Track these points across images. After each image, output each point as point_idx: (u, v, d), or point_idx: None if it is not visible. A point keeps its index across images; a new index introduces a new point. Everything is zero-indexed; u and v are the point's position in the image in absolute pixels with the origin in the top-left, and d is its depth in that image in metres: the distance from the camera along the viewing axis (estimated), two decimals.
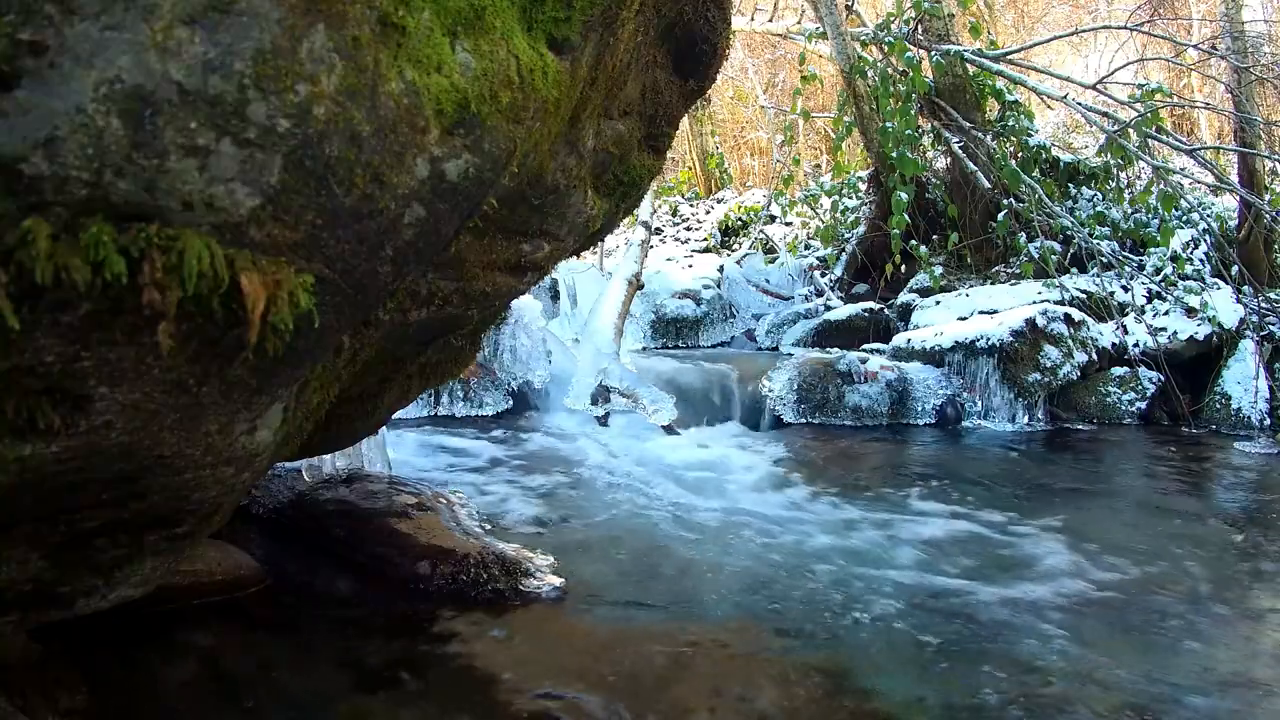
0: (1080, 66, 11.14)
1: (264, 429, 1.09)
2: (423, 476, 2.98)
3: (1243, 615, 2.20)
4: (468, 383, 4.39)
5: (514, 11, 1.05)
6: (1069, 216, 5.90)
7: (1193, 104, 8.55)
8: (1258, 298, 5.47)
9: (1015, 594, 2.23)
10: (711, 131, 12.63)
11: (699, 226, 10.35)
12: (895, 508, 3.03)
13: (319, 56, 0.80)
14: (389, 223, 0.94)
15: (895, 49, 6.26)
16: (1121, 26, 7.63)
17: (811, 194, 8.18)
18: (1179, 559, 2.59)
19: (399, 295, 1.34)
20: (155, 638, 1.76)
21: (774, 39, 9.68)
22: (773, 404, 4.69)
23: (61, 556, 1.08)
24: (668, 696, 1.64)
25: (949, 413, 4.77)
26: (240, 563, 2.05)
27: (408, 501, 2.42)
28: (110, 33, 0.71)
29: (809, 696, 1.67)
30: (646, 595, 2.15)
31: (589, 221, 1.66)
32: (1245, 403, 4.95)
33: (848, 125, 6.86)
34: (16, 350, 0.76)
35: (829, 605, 2.12)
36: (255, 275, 0.83)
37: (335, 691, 1.63)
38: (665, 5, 1.60)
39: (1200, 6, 10.33)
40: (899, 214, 6.01)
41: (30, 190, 0.70)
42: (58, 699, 1.44)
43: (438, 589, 2.08)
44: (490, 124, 1.00)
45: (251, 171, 0.79)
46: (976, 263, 6.57)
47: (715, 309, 7.07)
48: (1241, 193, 5.80)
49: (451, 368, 1.92)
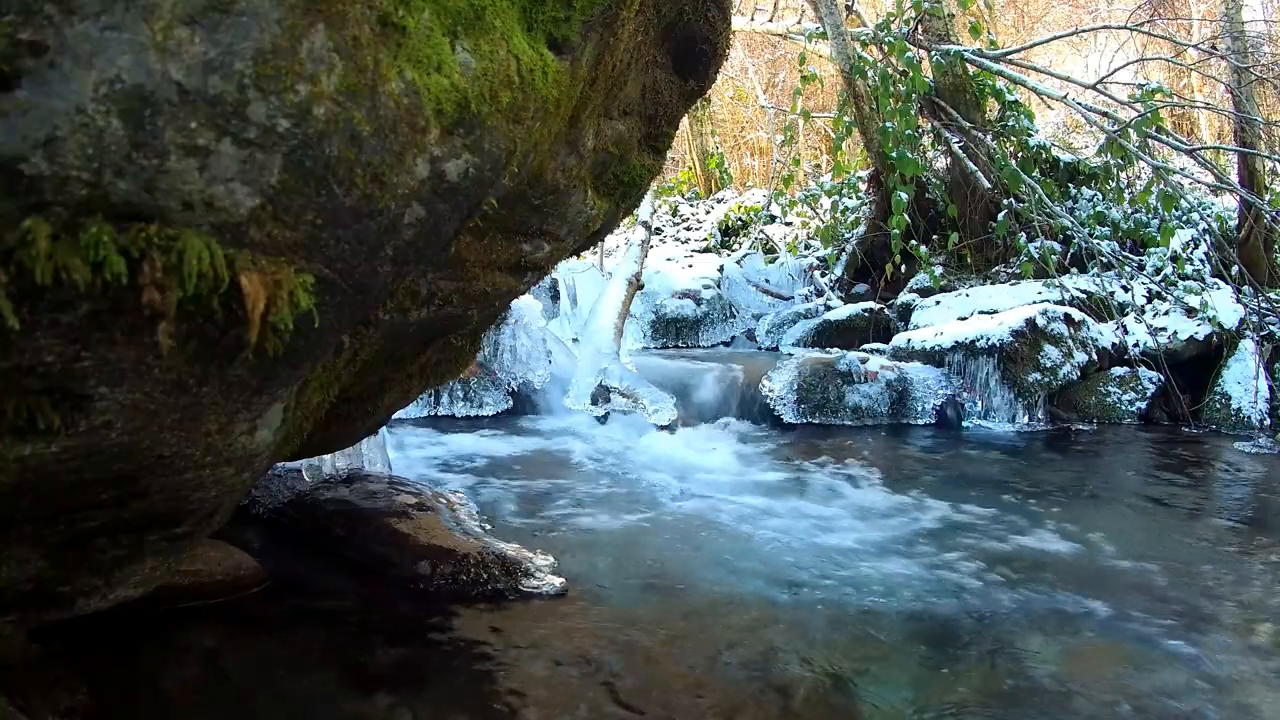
0: (1080, 66, 11.14)
1: (264, 429, 1.09)
2: (423, 476, 2.98)
3: (1243, 615, 2.20)
4: (468, 383, 4.39)
5: (514, 11, 1.05)
6: (1069, 216, 5.90)
7: (1193, 104, 8.55)
8: (1258, 298, 5.47)
9: (1014, 593, 2.23)
10: (711, 131, 12.63)
11: (699, 226, 10.35)
12: (895, 507, 3.03)
13: (319, 56, 0.80)
14: (389, 223, 0.94)
15: (895, 49, 6.26)
16: (1121, 26, 7.64)
17: (811, 194, 8.19)
18: (1179, 559, 2.59)
19: (399, 295, 1.34)
20: (155, 638, 1.76)
21: (774, 39, 9.68)
22: (773, 404, 4.69)
23: (61, 556, 1.07)
24: (668, 696, 1.65)
25: (949, 413, 4.78)
26: (240, 563, 2.05)
27: (408, 501, 2.42)
28: (110, 33, 0.71)
29: (810, 697, 1.67)
30: (646, 595, 2.15)
31: (589, 221, 1.66)
32: (1245, 403, 4.95)
33: (848, 125, 6.87)
34: (16, 350, 0.76)
35: (830, 605, 2.12)
36: (255, 275, 0.83)
37: (335, 691, 1.63)
38: (665, 5, 1.60)
39: (1200, 6, 10.33)
40: (899, 214, 6.01)
41: (30, 190, 0.70)
42: (58, 699, 1.44)
43: (438, 589, 2.08)
44: (490, 124, 1.00)
45: (251, 171, 0.79)
46: (976, 263, 6.57)
47: (715, 309, 7.08)
48: (1241, 193, 5.80)
49: (451, 368, 1.92)
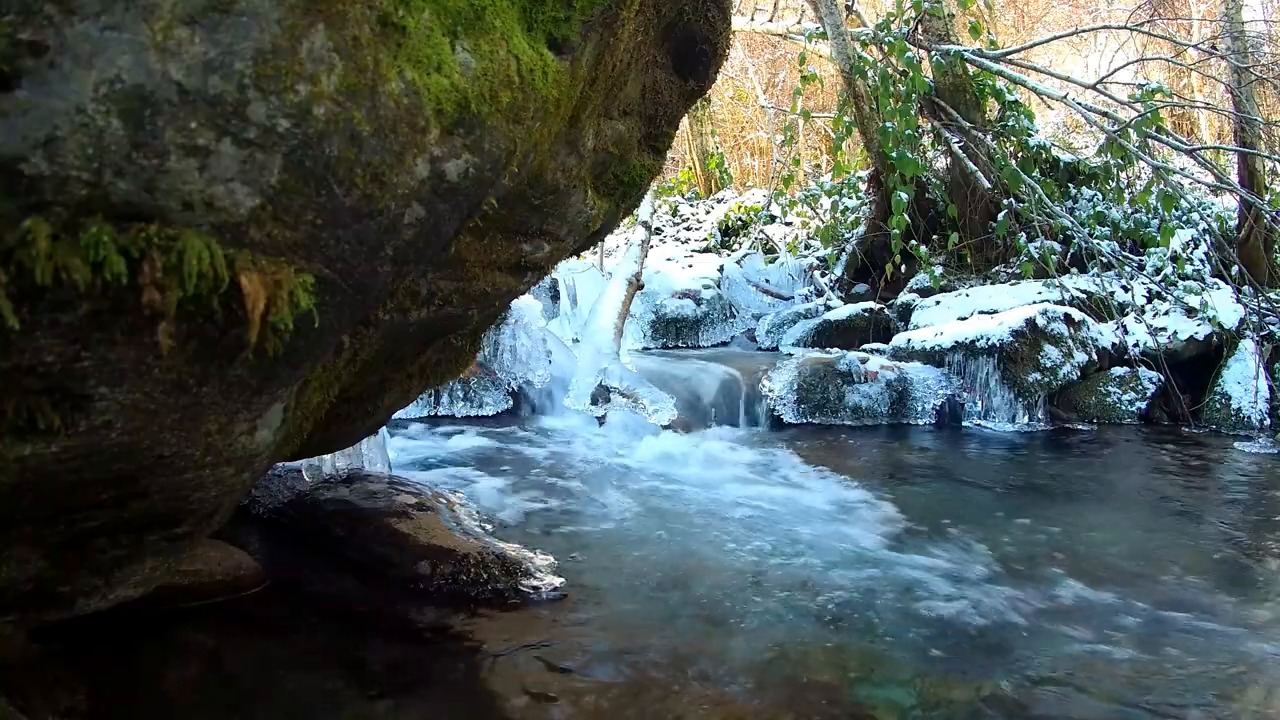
0: (1080, 66, 11.15)
1: (264, 429, 1.09)
2: (423, 477, 2.98)
3: (1243, 615, 2.20)
4: (468, 383, 4.39)
5: (514, 11, 1.05)
6: (1069, 216, 5.90)
7: (1193, 104, 8.55)
8: (1258, 298, 5.47)
9: (1013, 593, 2.23)
10: (711, 131, 12.63)
11: (699, 226, 10.35)
12: (895, 507, 3.03)
13: (319, 56, 0.80)
14: (389, 223, 0.94)
15: (895, 49, 6.26)
16: (1121, 26, 7.64)
17: (811, 194, 8.19)
18: (1179, 559, 2.59)
19: (399, 295, 1.34)
20: (155, 638, 1.76)
21: (774, 39, 9.68)
22: (773, 404, 4.69)
23: (61, 556, 1.07)
24: (668, 695, 1.64)
25: (949, 413, 4.78)
26: (240, 563, 2.05)
27: (408, 501, 2.42)
28: (110, 33, 0.71)
29: (810, 697, 1.67)
30: (646, 594, 2.15)
31: (589, 221, 1.66)
32: (1245, 403, 4.95)
33: (848, 125, 6.87)
34: (16, 350, 0.76)
35: (831, 605, 2.12)
36: (255, 275, 0.83)
37: (335, 691, 1.63)
38: (665, 5, 1.60)
39: (1200, 6, 10.33)
40: (899, 214, 6.01)
41: (30, 190, 0.70)
42: (58, 699, 1.44)
43: (438, 589, 2.08)
44: (490, 124, 1.00)
45: (251, 171, 0.79)
46: (976, 263, 6.57)
47: (715, 309, 7.08)
48: (1241, 193, 5.80)
49: (451, 368, 1.92)
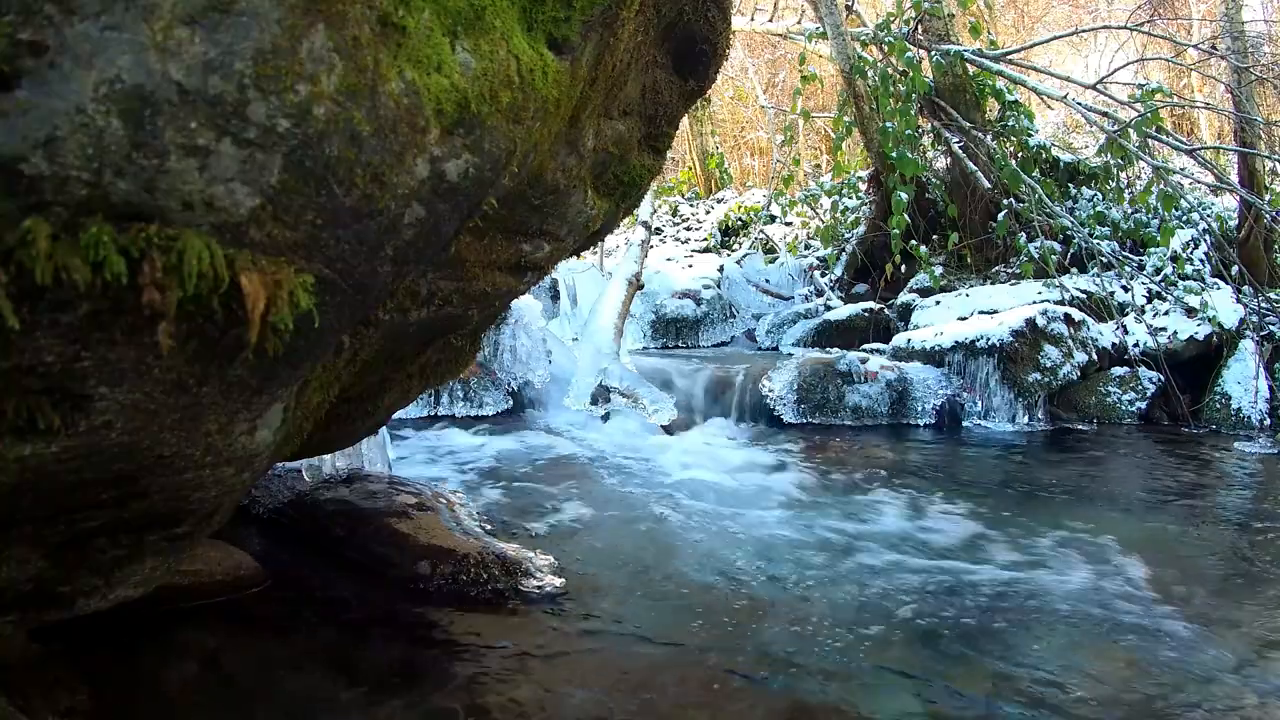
0: (1080, 66, 11.15)
1: (264, 429, 1.09)
2: (423, 476, 2.98)
3: (1242, 615, 2.20)
4: (468, 383, 4.39)
5: (514, 11, 1.05)
6: (1069, 216, 5.90)
7: (1193, 104, 8.55)
8: (1258, 298, 5.47)
9: (1013, 593, 2.23)
10: (711, 131, 12.64)
11: (699, 226, 10.36)
12: (895, 507, 3.03)
13: (319, 56, 0.80)
14: (389, 223, 0.94)
15: (895, 49, 6.26)
16: (1121, 26, 7.65)
17: (811, 194, 8.19)
18: (1179, 559, 2.59)
19: (399, 295, 1.34)
20: (155, 638, 1.76)
21: (774, 39, 9.68)
22: (773, 404, 4.69)
23: (61, 556, 1.07)
24: (667, 695, 1.64)
25: (949, 413, 4.78)
26: (240, 563, 2.05)
27: (408, 501, 2.42)
28: (110, 33, 0.70)
29: (810, 698, 1.67)
30: (646, 594, 2.15)
31: (589, 221, 1.66)
32: (1245, 403, 4.95)
33: (848, 125, 6.87)
34: (16, 350, 0.76)
35: (831, 605, 2.12)
36: (255, 275, 0.83)
37: (335, 691, 1.63)
38: (665, 5, 1.60)
39: (1200, 6, 10.34)
40: (899, 214, 6.01)
41: (30, 190, 0.70)
42: (58, 699, 1.44)
43: (438, 589, 2.08)
44: (490, 124, 1.00)
45: (251, 171, 0.79)
46: (976, 263, 6.58)
47: (715, 309, 7.08)
48: (1241, 193, 5.80)
49: (451, 368, 1.92)
